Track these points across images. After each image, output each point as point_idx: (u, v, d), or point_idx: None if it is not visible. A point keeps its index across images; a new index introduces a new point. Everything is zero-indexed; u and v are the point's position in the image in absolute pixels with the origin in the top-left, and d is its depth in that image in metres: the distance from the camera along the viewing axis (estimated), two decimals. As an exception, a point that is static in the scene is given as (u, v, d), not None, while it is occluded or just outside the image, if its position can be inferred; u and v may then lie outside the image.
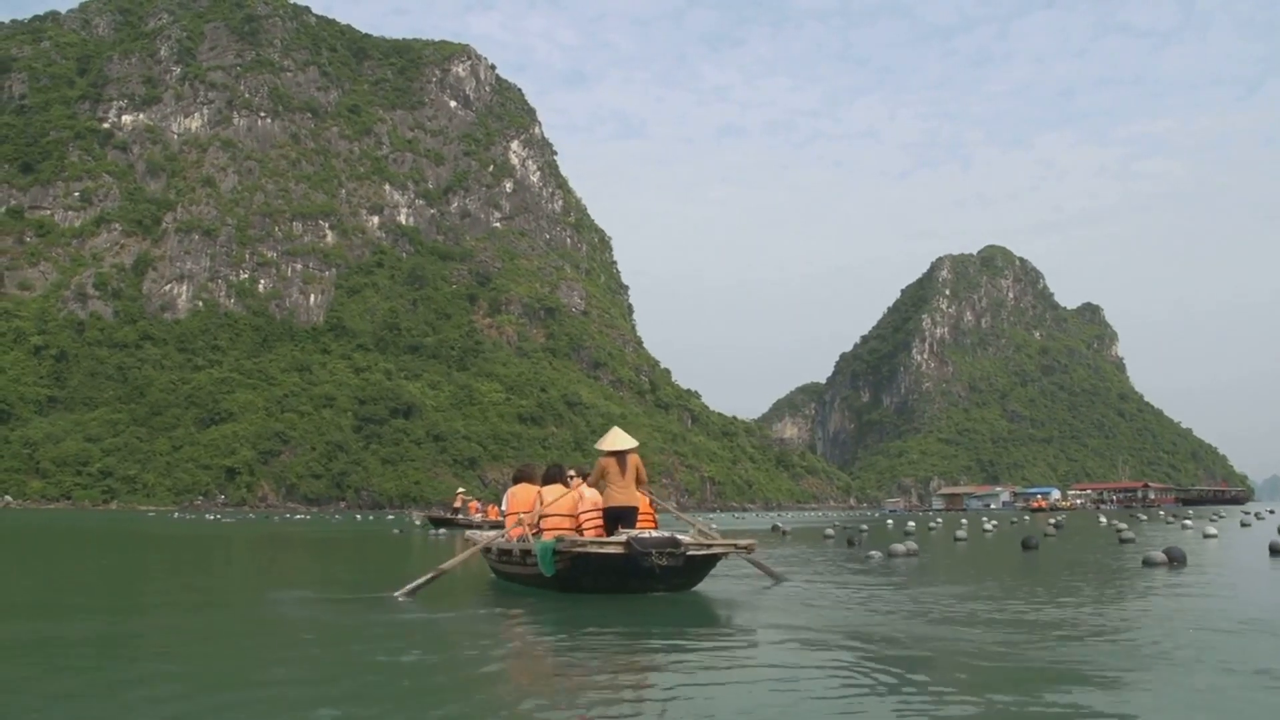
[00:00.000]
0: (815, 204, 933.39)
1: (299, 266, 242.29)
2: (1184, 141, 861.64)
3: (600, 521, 11.91)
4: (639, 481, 12.06)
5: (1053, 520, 39.56)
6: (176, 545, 28.41)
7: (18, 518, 70.50)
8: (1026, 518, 53.62)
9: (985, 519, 43.98)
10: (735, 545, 11.81)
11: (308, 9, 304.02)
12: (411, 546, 26.97)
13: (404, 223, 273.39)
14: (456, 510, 49.88)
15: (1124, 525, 33.49)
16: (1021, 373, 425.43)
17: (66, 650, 7.39)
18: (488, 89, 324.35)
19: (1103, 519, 48.45)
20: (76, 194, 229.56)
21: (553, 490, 12.40)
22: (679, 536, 11.04)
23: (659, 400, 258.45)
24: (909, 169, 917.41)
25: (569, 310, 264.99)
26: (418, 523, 53.28)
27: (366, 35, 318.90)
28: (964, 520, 47.50)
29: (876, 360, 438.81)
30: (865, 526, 38.18)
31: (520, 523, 12.43)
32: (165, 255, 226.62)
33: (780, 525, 42.82)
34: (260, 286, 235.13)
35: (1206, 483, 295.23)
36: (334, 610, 10.32)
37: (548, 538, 11.44)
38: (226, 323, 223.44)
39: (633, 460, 11.92)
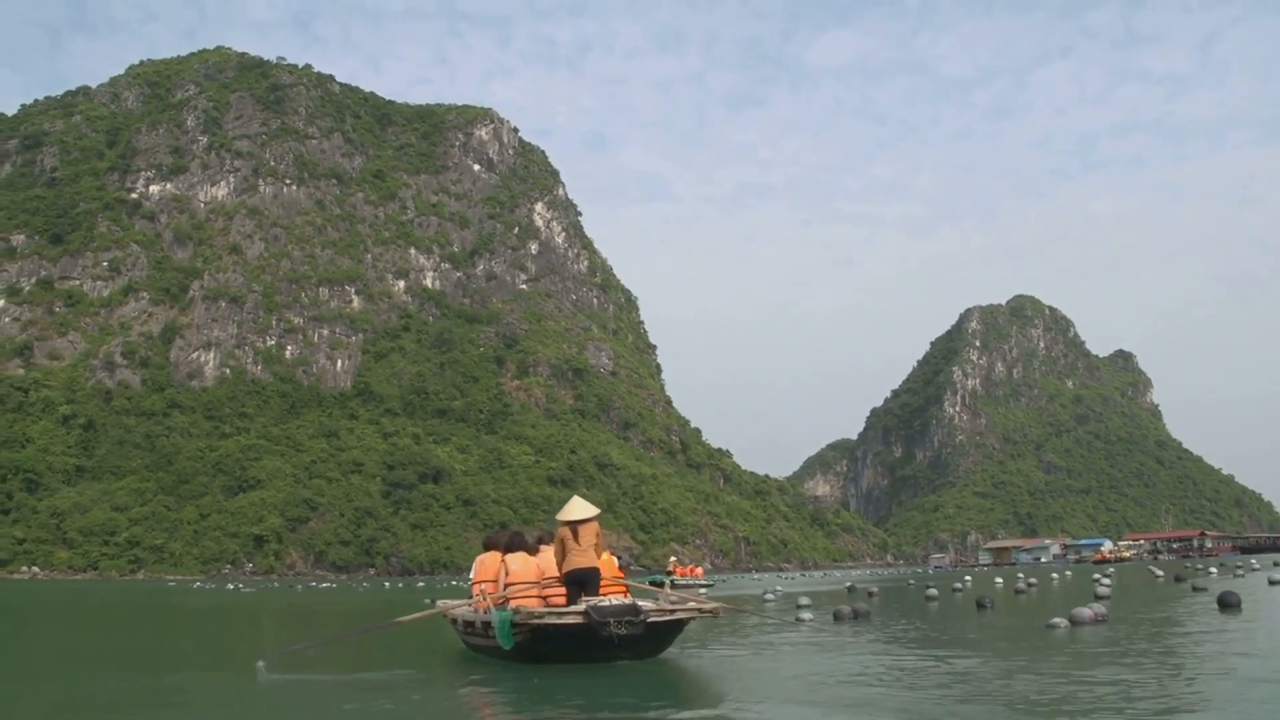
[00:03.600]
0: (841, 259, 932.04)
1: (326, 332, 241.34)
2: (1207, 185, 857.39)
3: (563, 588, 11.73)
4: (600, 549, 11.93)
5: (1161, 573, 35.97)
6: (168, 620, 25.70)
7: (29, 590, 67.66)
8: (1111, 570, 49.98)
9: (1099, 575, 40.33)
10: (700, 610, 11.50)
11: (331, 78, 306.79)
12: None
13: (430, 286, 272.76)
14: None
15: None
16: (1056, 423, 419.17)
17: None
18: (511, 152, 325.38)
19: (1213, 570, 44.66)
20: (105, 264, 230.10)
21: (517, 559, 12.25)
22: (640, 603, 10.79)
23: (690, 460, 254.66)
24: (932, 222, 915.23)
25: (597, 371, 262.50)
26: None
27: (390, 101, 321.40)
28: (1054, 576, 43.77)
29: (908, 414, 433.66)
30: (959, 585, 34.61)
31: (484, 594, 12.19)
32: (192, 323, 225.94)
33: (856, 584, 39.30)
34: (287, 353, 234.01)
35: (1252, 530, 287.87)
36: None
37: (511, 608, 11.23)
38: (254, 389, 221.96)
39: (591, 528, 11.74)
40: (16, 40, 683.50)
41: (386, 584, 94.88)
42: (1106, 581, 29.65)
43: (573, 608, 10.71)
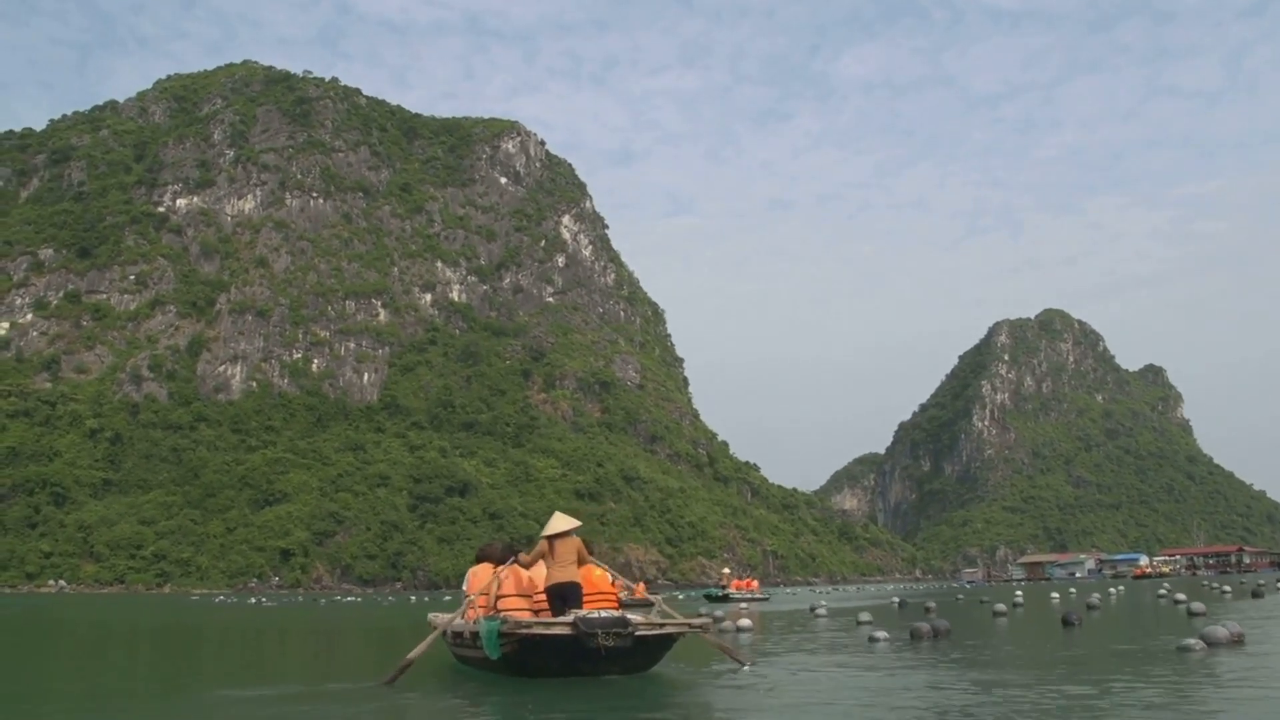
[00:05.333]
0: (867, 274, 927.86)
1: (352, 345, 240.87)
2: (1238, 201, 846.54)
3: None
4: (581, 562, 11.81)
5: (1228, 589, 34.04)
6: (174, 638, 24.38)
7: (51, 604, 66.66)
8: (1166, 587, 47.95)
9: (1163, 590, 38.46)
10: (690, 625, 11.32)
11: (358, 91, 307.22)
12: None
13: (456, 299, 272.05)
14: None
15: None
16: (1085, 437, 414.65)
17: None
18: (538, 164, 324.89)
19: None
20: (132, 277, 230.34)
21: (509, 571, 12.23)
22: (629, 616, 10.72)
23: (718, 473, 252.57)
24: (960, 237, 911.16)
25: (624, 384, 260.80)
26: None
27: (416, 115, 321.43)
28: (1112, 591, 41.70)
29: (936, 428, 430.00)
30: (1018, 600, 32.65)
31: (471, 604, 12.34)
32: (219, 336, 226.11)
33: (907, 599, 37.47)
34: (314, 366, 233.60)
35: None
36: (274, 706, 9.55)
37: (500, 618, 11.03)
38: (280, 403, 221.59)
39: (572, 542, 11.72)
40: (46, 58, 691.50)
41: (413, 598, 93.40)
42: (1181, 596, 27.86)
43: (561, 619, 10.64)
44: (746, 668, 11.83)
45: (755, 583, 68.18)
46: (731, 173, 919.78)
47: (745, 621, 21.28)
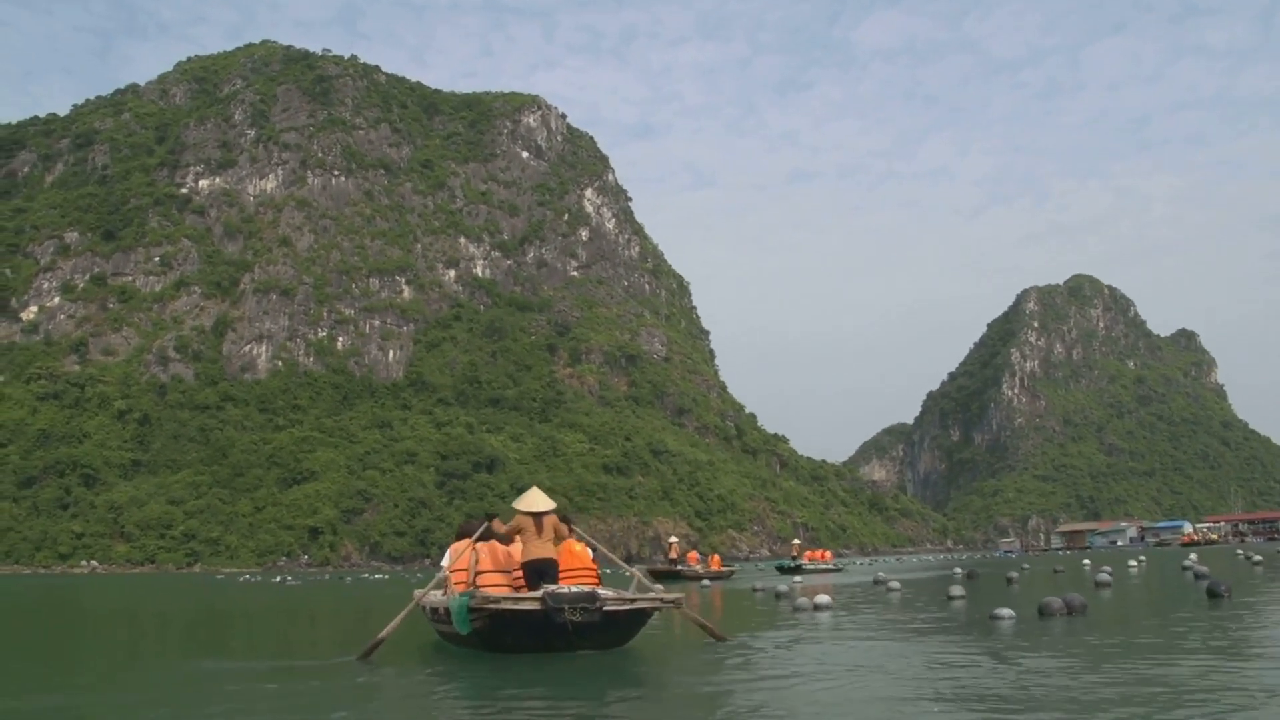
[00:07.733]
0: (891, 244, 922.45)
1: (377, 323, 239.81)
2: (1269, 163, 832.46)
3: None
4: (560, 538, 11.70)
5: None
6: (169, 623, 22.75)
7: (77, 585, 65.40)
8: (1247, 554, 45.45)
9: (1257, 559, 36.16)
10: (663, 600, 11.16)
11: (377, 68, 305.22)
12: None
13: (480, 275, 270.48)
14: (675, 561, 46.01)
15: None
16: (1117, 404, 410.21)
17: None
18: (559, 138, 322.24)
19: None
20: (157, 259, 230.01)
21: (486, 548, 12.13)
22: (599, 591, 10.66)
23: (746, 445, 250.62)
24: (984, 204, 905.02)
25: (650, 357, 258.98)
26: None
27: (436, 90, 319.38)
28: (1192, 558, 39.14)
29: (965, 397, 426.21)
30: (1106, 568, 30.07)
31: (444, 581, 12.45)
32: (244, 316, 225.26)
33: (975, 570, 35.28)
34: (339, 344, 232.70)
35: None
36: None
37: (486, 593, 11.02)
38: (306, 381, 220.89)
39: (550, 521, 11.64)
40: (69, 45, 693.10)
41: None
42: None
43: (530, 594, 10.57)
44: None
45: (829, 553, 65.52)
46: (752, 145, 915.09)
47: (823, 598, 18.90)
